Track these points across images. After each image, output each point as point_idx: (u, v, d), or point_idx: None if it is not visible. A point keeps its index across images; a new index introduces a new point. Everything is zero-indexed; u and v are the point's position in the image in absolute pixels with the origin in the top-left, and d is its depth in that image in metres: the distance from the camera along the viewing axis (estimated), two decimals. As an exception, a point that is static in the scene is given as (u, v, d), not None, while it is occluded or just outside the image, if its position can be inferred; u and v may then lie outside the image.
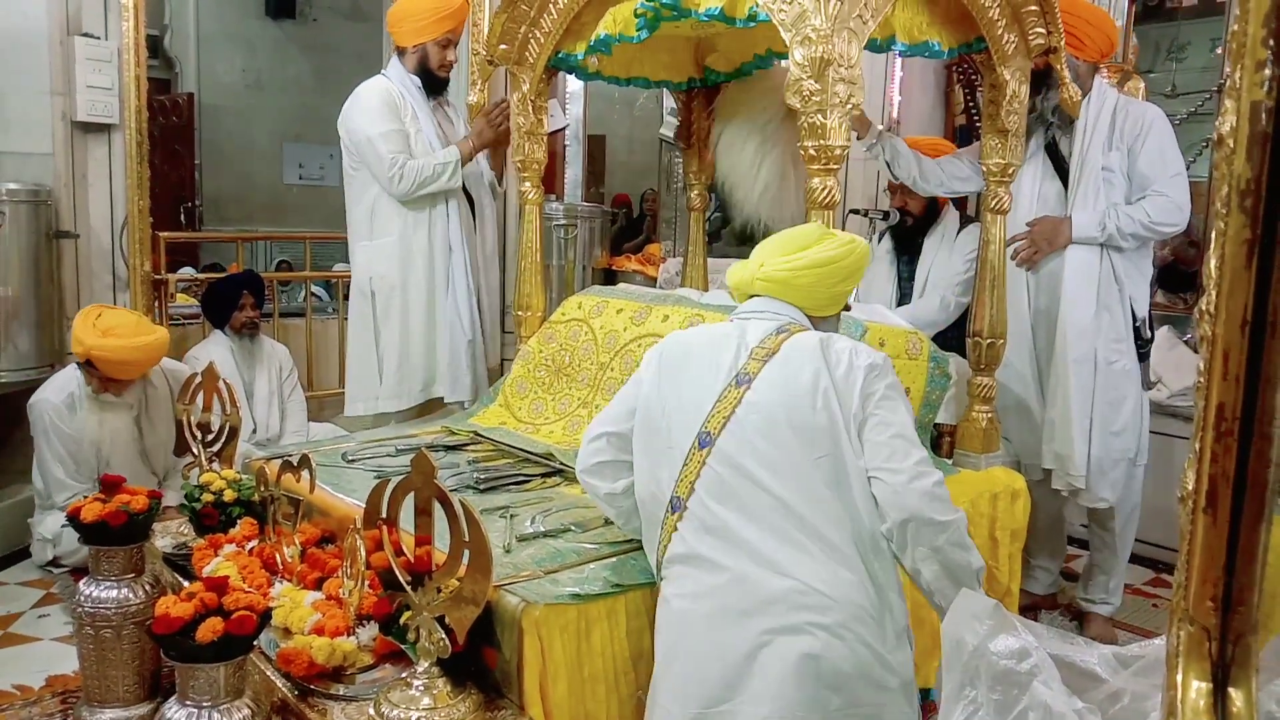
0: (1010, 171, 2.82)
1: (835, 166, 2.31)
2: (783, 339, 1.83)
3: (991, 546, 2.79)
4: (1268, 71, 0.65)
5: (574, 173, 5.35)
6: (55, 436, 3.56)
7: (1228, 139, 0.69)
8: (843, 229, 3.87)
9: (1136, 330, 3.07)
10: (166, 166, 7.93)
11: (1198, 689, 0.69)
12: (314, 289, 5.67)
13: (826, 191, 2.30)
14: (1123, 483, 3.10)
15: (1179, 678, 0.70)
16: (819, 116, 2.25)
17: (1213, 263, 0.71)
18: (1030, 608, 3.42)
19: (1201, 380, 0.71)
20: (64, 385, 3.62)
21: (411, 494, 1.85)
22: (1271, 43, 0.65)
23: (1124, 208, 2.99)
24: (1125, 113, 3.03)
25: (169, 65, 8.59)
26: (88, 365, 3.52)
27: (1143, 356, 3.11)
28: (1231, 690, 0.68)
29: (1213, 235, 0.71)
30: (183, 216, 8.09)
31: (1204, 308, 0.72)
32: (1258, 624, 0.69)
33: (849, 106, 2.27)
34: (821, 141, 2.27)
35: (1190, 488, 0.72)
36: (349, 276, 4.48)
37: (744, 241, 3.49)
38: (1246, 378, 0.67)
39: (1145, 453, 3.17)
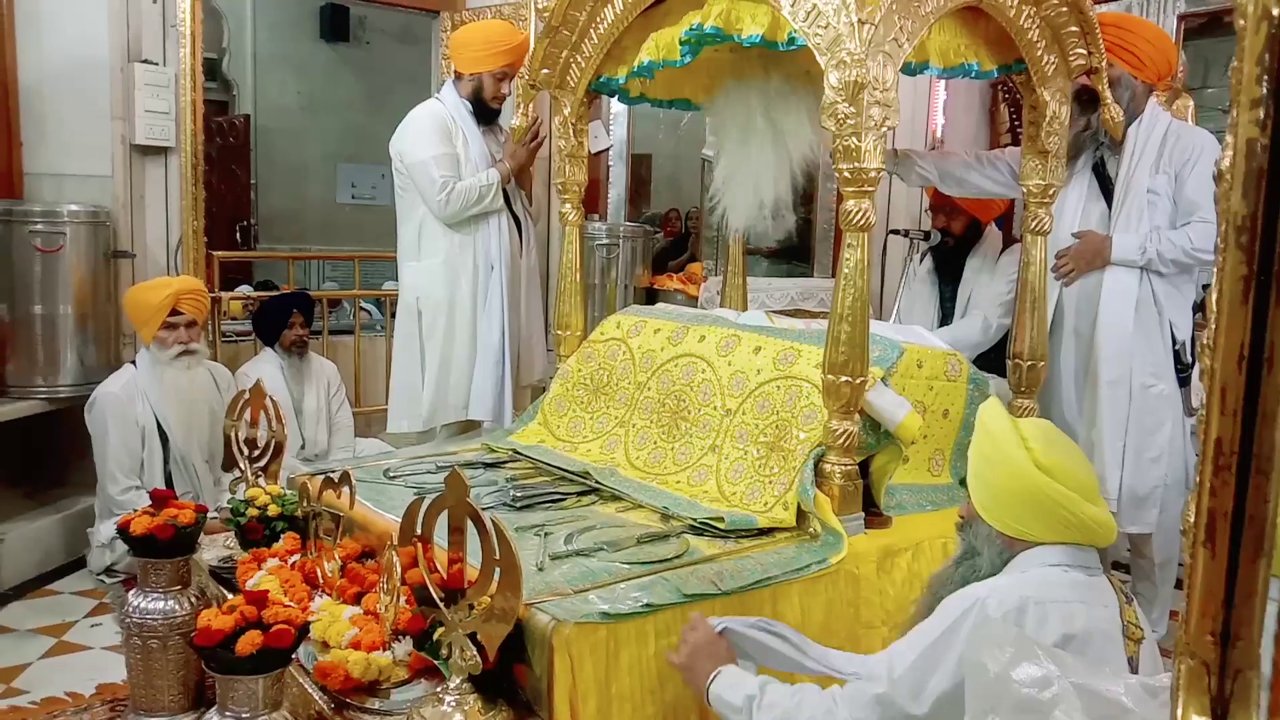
0: (1051, 193, 2.80)
1: (870, 189, 2.31)
2: None
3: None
4: (1262, 110, 0.66)
5: (617, 193, 5.39)
6: (114, 427, 3.66)
7: (1226, 174, 0.69)
8: (883, 250, 3.87)
9: (1176, 354, 3.02)
10: (223, 186, 8.12)
11: (1197, 724, 0.69)
12: (365, 305, 5.78)
13: (862, 214, 2.30)
14: (1158, 509, 3.05)
15: (1179, 712, 0.70)
16: (854, 139, 2.26)
17: (1213, 296, 0.71)
18: (1073, 634, 3.36)
19: (1202, 415, 0.71)
20: (120, 377, 3.76)
21: (446, 511, 1.88)
22: (1266, 80, 0.66)
23: (1166, 232, 2.95)
24: (1176, 137, 3.00)
25: (227, 88, 8.81)
26: (171, 318, 3.67)
27: (1183, 381, 3.05)
28: (1230, 726, 0.68)
29: (1213, 270, 0.72)
30: (238, 235, 8.28)
31: (1206, 341, 0.73)
32: (1258, 658, 0.69)
33: (884, 130, 2.27)
34: (856, 164, 2.27)
35: (1191, 521, 0.72)
36: (393, 294, 4.57)
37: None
38: (1244, 413, 0.68)
39: (1191, 479, 3.11)
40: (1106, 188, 3.09)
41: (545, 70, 3.19)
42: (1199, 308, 3.11)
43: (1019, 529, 1.71)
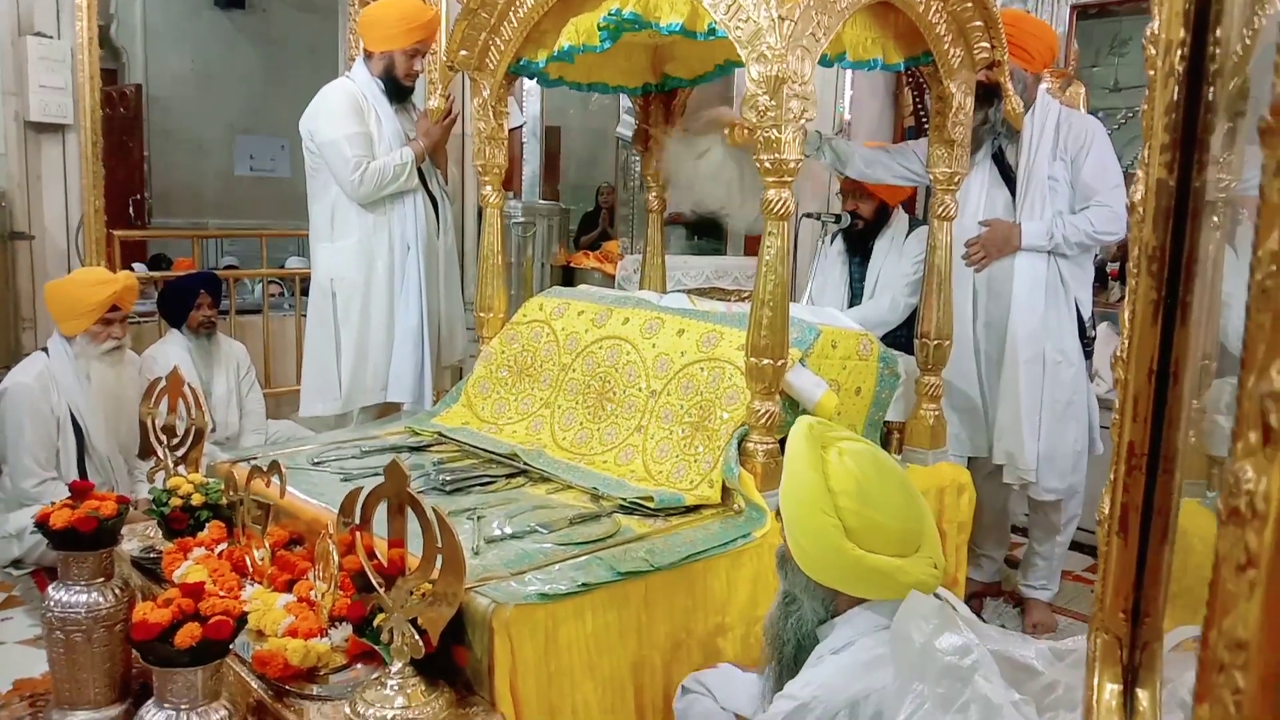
0: (956, 180, 2.93)
1: (790, 179, 2.39)
2: None
3: (939, 538, 2.93)
4: (1169, 155, 0.75)
5: (531, 170, 5.40)
6: (29, 420, 3.53)
7: (1138, 206, 0.79)
8: (796, 233, 3.99)
9: (1081, 329, 3.23)
10: (114, 160, 7.77)
11: (1110, 690, 0.79)
12: (274, 282, 5.67)
13: (782, 203, 2.39)
14: (1069, 474, 3.26)
15: (1095, 680, 0.80)
16: (774, 131, 2.33)
17: (1126, 315, 0.81)
18: (975, 595, 3.57)
19: (1116, 419, 0.81)
20: (32, 366, 3.62)
21: (385, 501, 1.91)
22: (1173, 129, 0.75)
23: (1070, 217, 3.14)
24: (1068, 125, 3.18)
25: (115, 56, 8.45)
26: (108, 314, 3.57)
27: (1088, 355, 3.28)
28: (1139, 691, 0.78)
29: (1126, 292, 0.81)
30: (131, 210, 7.98)
31: (1119, 354, 0.82)
32: (1162, 633, 0.80)
33: (802, 121, 2.36)
34: (776, 155, 2.35)
35: (1106, 512, 0.82)
36: (305, 273, 4.50)
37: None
38: (1153, 419, 0.77)
39: (1099, 443, 3.34)
40: (1007, 176, 3.25)
41: (464, 52, 3.18)
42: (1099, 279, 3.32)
43: (837, 586, 1.67)
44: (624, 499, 2.47)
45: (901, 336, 3.44)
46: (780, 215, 2.41)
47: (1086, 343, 3.29)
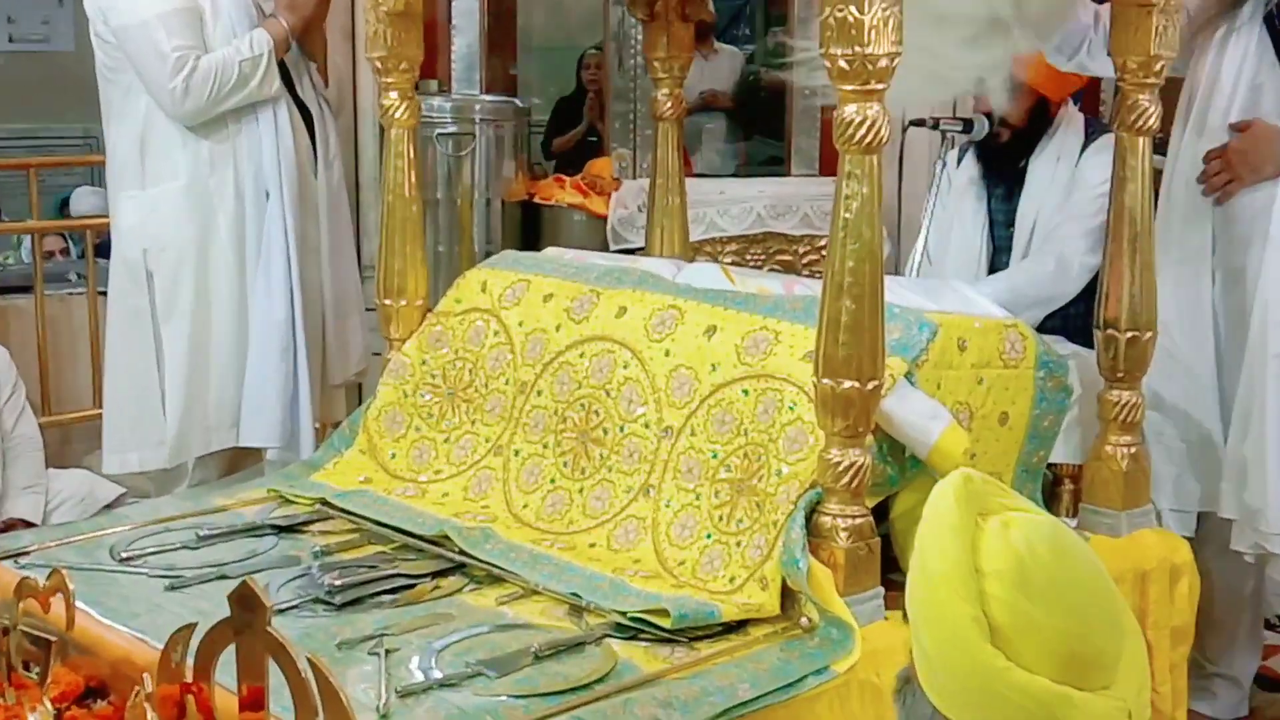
0: (1158, 69, 2.90)
1: (881, 85, 2.38)
2: None
3: (1149, 674, 2.94)
4: None
5: (467, 43, 5.38)
6: None
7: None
8: (900, 149, 3.98)
9: None
10: None
11: None
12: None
13: (868, 127, 2.37)
14: None
15: None
16: (852, 10, 2.33)
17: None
18: (1207, 739, 3.58)
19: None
20: None
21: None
22: None
23: None
24: None
25: None
26: None
27: None
28: None
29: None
30: None
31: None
32: None
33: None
34: (858, 48, 2.34)
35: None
36: (103, 223, 4.54)
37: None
38: None
39: None
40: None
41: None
42: None
43: None
44: (622, 612, 2.51)
45: (1076, 319, 3.43)
46: (866, 146, 2.40)
47: None
